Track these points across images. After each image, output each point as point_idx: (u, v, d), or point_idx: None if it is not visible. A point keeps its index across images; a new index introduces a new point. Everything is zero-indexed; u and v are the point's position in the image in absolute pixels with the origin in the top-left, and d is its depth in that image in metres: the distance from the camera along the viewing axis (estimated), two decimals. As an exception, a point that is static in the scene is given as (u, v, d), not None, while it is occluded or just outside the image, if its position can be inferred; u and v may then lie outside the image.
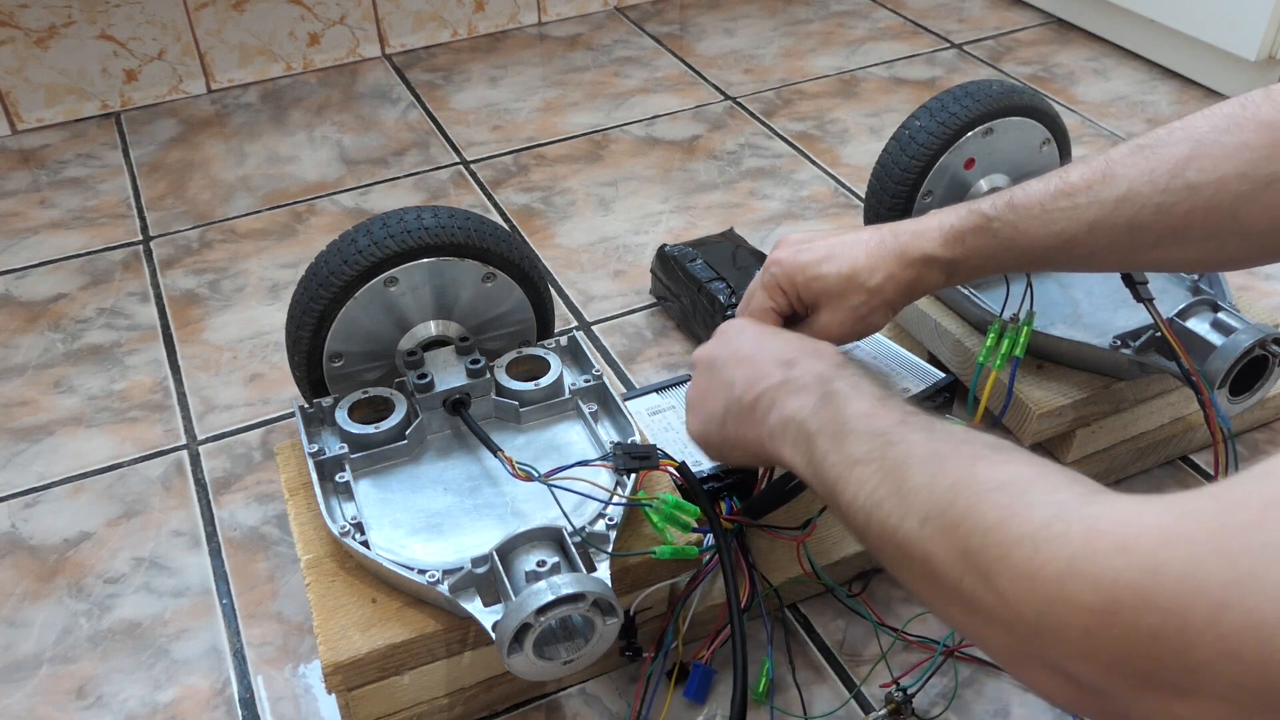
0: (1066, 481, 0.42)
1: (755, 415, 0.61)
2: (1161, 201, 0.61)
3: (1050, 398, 0.80)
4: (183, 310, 1.09)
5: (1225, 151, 0.59)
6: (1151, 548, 0.35)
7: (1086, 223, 0.64)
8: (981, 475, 0.44)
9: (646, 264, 1.11)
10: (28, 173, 1.33)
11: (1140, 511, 0.37)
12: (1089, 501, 0.39)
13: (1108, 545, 0.36)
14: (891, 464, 0.50)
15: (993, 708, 0.71)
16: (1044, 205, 0.65)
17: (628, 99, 1.46)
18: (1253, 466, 0.36)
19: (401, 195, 1.27)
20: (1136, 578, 0.35)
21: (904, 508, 0.47)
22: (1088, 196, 0.64)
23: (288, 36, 1.53)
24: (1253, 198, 0.59)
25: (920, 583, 0.47)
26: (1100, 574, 0.36)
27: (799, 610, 0.77)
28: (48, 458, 0.92)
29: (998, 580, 0.40)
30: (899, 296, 0.70)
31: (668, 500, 0.66)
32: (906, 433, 0.51)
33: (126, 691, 0.73)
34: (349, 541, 0.65)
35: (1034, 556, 0.39)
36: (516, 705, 0.72)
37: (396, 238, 0.72)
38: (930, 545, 0.45)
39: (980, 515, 0.42)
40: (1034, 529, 0.40)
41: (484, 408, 0.76)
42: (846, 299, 0.69)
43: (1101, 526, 0.37)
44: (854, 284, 0.69)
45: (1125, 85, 1.46)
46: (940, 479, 0.46)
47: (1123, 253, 0.65)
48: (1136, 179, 0.62)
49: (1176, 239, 0.62)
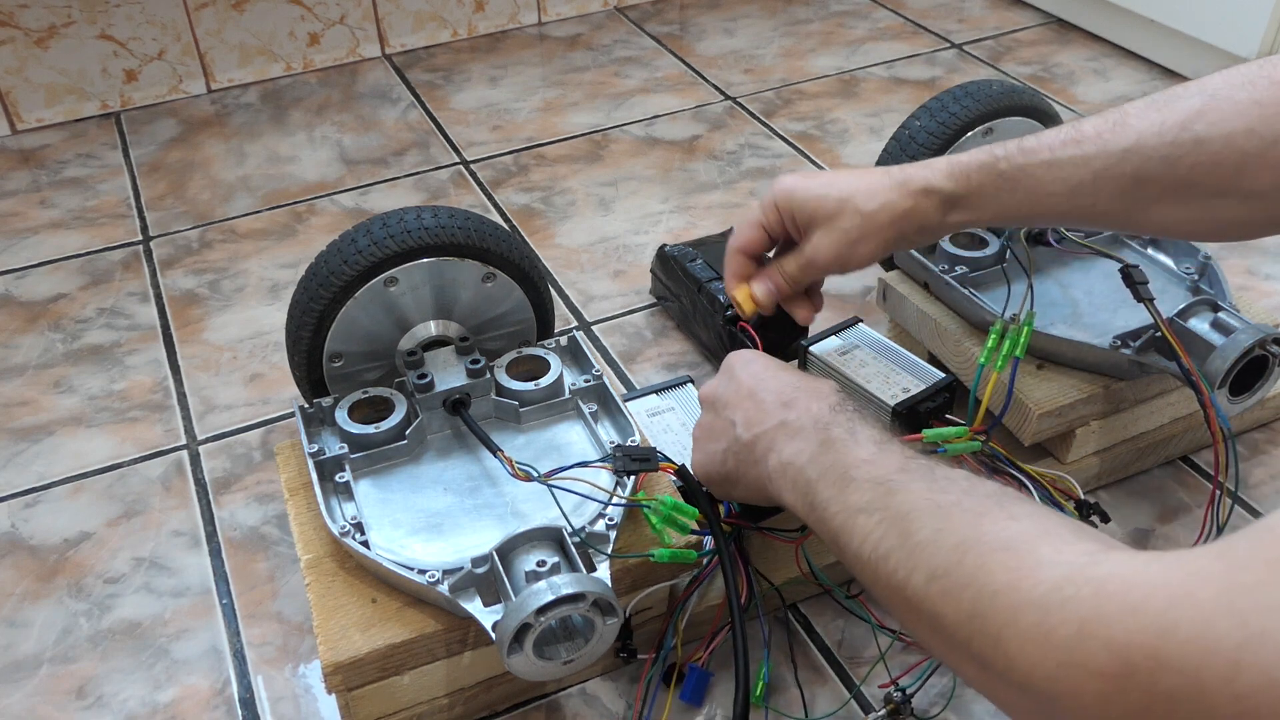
0: (1073, 537, 0.42)
1: (755, 456, 0.62)
2: (1168, 154, 0.61)
3: (1050, 398, 0.80)
4: (183, 310, 1.09)
5: (1236, 108, 0.59)
6: (1162, 608, 0.35)
7: (1093, 171, 0.63)
8: (987, 533, 0.44)
9: (646, 264, 1.11)
10: (28, 173, 1.33)
11: (1147, 571, 0.37)
12: (1096, 561, 0.39)
13: (1118, 607, 0.36)
14: (895, 514, 0.49)
15: (992, 707, 0.71)
16: (1052, 149, 0.65)
17: (628, 99, 1.46)
18: (1255, 523, 0.37)
19: (401, 195, 1.27)
20: (1149, 640, 0.35)
21: (910, 563, 0.47)
22: (1096, 145, 0.63)
23: (288, 36, 1.53)
24: (1259, 155, 0.59)
25: (930, 638, 0.47)
26: (1112, 636, 0.36)
27: (799, 610, 0.77)
28: (48, 458, 0.92)
29: (1008, 644, 0.40)
30: (891, 226, 0.69)
31: (666, 502, 0.66)
32: (908, 481, 0.51)
33: (126, 691, 0.73)
34: (349, 541, 0.65)
35: (1044, 621, 0.39)
36: (516, 705, 0.72)
37: (396, 238, 0.72)
38: (938, 604, 0.44)
39: (988, 577, 0.42)
40: (1043, 593, 0.39)
41: (484, 408, 0.76)
42: (839, 221, 0.69)
43: (1110, 588, 0.37)
44: (849, 206, 0.69)
45: (1125, 85, 1.46)
46: (946, 535, 0.46)
47: (1126, 206, 0.64)
48: (1145, 130, 0.62)
49: (1180, 195, 0.62)
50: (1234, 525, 0.83)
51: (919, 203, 0.68)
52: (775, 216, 0.72)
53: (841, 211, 0.69)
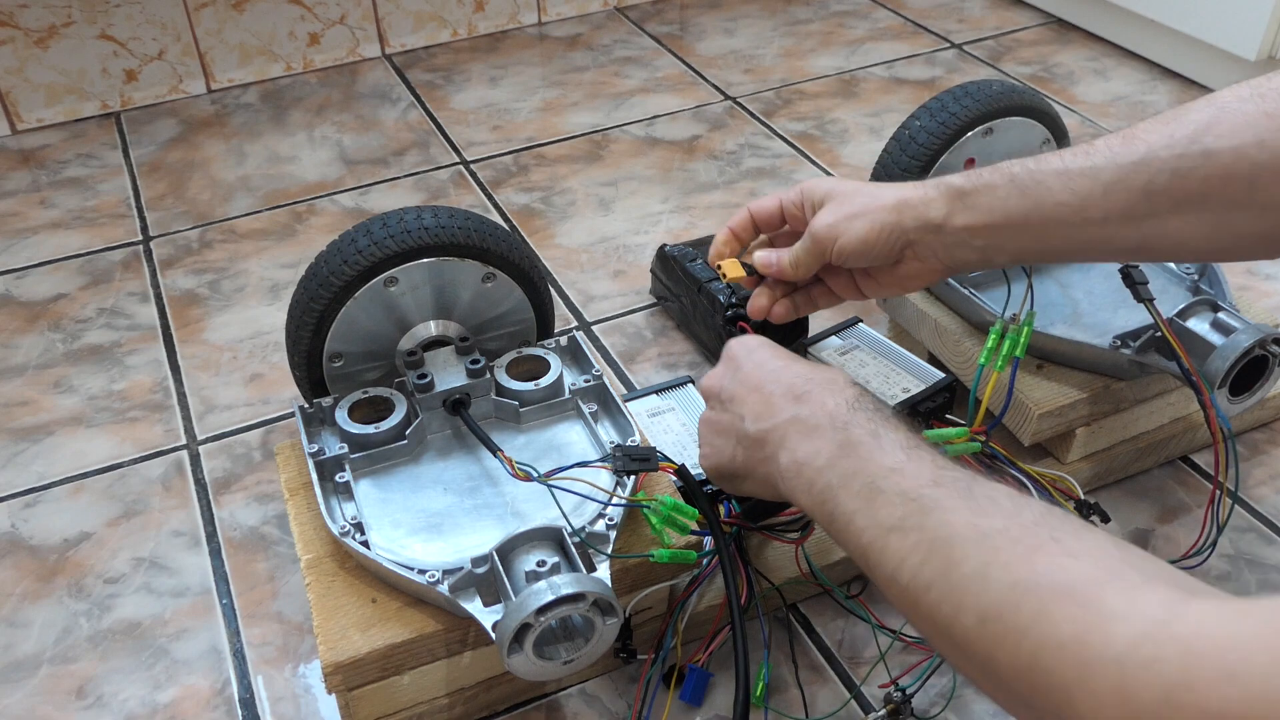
0: (1140, 579, 0.39)
1: (765, 452, 0.60)
2: (1178, 166, 0.60)
3: (1050, 398, 0.80)
4: (183, 310, 1.09)
5: (1246, 119, 0.59)
6: (1263, 674, 0.32)
7: (1103, 183, 0.63)
8: (1043, 574, 0.41)
9: (646, 264, 1.11)
10: (28, 173, 1.33)
11: (1239, 628, 0.34)
12: (1177, 615, 0.36)
13: (1212, 673, 0.33)
14: (933, 539, 0.46)
15: (992, 707, 0.71)
16: (1064, 160, 0.65)
17: (628, 99, 1.46)
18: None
19: (401, 195, 1.27)
20: (1249, 710, 0.32)
21: (957, 599, 0.44)
22: (1105, 157, 0.63)
23: (288, 36, 1.52)
24: (1271, 167, 0.58)
25: (983, 681, 0.44)
26: (1206, 705, 0.33)
27: (799, 610, 0.77)
28: (48, 458, 0.92)
29: (1080, 704, 0.37)
30: (893, 209, 0.68)
31: (666, 502, 0.66)
32: (944, 498, 0.48)
33: (126, 691, 0.73)
34: (349, 541, 0.65)
35: (1124, 684, 0.36)
36: (516, 705, 0.72)
37: (396, 238, 0.72)
38: (993, 649, 0.41)
39: (1051, 627, 0.39)
40: (1120, 651, 0.36)
41: (484, 408, 0.76)
42: (846, 200, 0.70)
43: (1199, 648, 0.34)
44: (862, 189, 0.70)
45: (1125, 85, 1.46)
46: (996, 571, 0.43)
47: (1137, 220, 0.63)
48: (1155, 143, 0.61)
49: (1192, 207, 0.61)
50: (1234, 525, 0.83)
51: (926, 192, 0.68)
52: (794, 197, 0.73)
53: (855, 193, 0.70)
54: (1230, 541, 0.82)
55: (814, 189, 0.72)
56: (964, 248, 0.68)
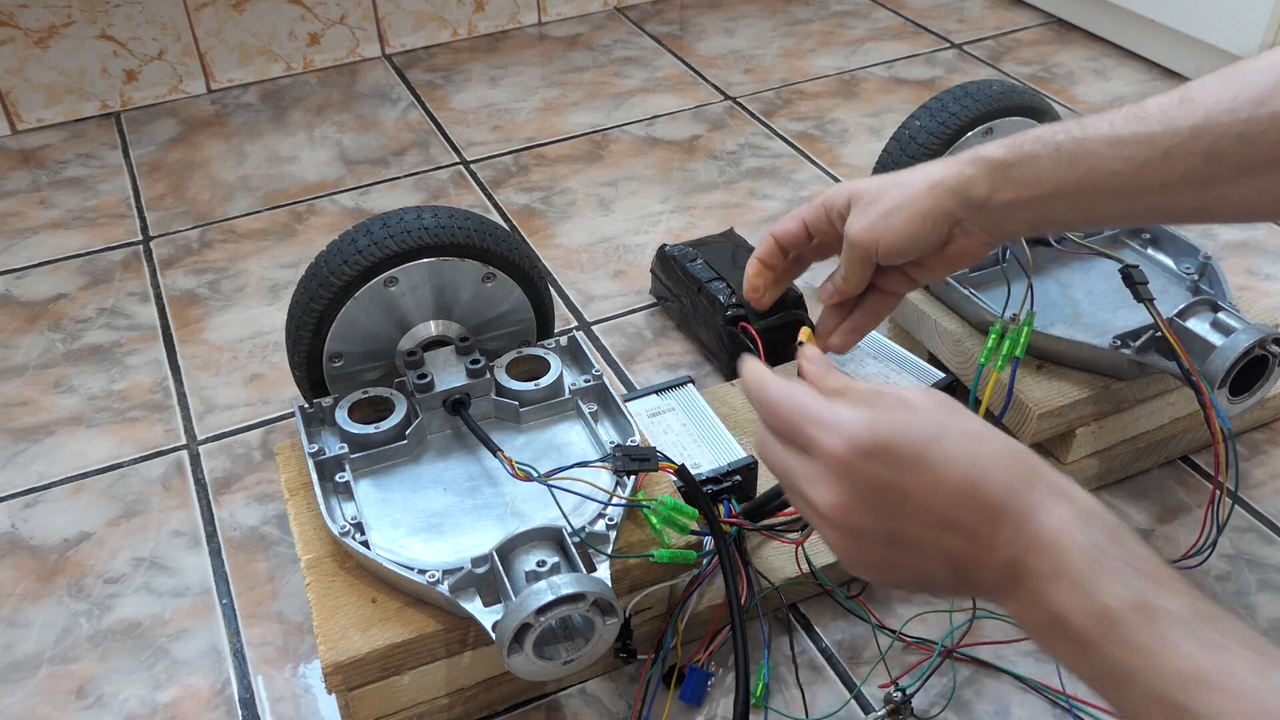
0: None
1: (980, 589, 0.48)
2: (1243, 130, 0.57)
3: (1050, 398, 0.80)
4: (183, 310, 1.09)
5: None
6: None
7: (1161, 149, 0.59)
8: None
9: (646, 264, 1.11)
10: (28, 173, 1.33)
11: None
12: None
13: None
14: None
15: (992, 707, 0.71)
16: (1113, 126, 0.60)
17: (628, 99, 1.46)
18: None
19: (401, 195, 1.27)
20: None
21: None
22: (1161, 122, 0.59)
23: (288, 36, 1.53)
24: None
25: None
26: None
27: (799, 610, 0.77)
28: (48, 458, 0.92)
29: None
30: (929, 195, 0.63)
31: (666, 502, 0.66)
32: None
33: (126, 691, 0.73)
34: (349, 541, 0.65)
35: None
36: (516, 705, 0.72)
37: (396, 238, 0.72)
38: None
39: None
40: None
41: (484, 408, 0.76)
42: (876, 198, 0.64)
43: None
44: (888, 182, 0.65)
45: (1125, 85, 1.46)
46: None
47: (1199, 186, 0.59)
48: (1215, 107, 0.58)
49: (1261, 169, 0.58)
50: (1234, 525, 0.83)
51: (963, 169, 0.63)
52: (817, 211, 0.68)
53: (881, 189, 0.65)
54: (1230, 541, 0.82)
55: (835, 197, 0.67)
56: (1012, 220, 0.64)
